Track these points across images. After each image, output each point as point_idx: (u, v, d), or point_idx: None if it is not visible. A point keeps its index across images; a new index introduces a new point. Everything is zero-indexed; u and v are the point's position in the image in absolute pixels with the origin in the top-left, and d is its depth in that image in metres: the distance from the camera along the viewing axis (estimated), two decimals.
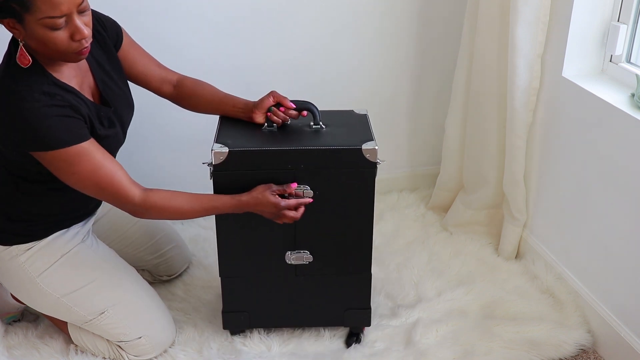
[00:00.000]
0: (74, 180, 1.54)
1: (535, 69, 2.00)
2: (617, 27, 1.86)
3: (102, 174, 1.53)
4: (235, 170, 1.66)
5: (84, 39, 1.43)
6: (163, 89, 1.82)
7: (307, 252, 1.78)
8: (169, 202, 1.61)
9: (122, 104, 1.70)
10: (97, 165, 1.52)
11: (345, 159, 1.67)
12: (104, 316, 1.75)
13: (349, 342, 1.92)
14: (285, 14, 2.27)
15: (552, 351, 1.87)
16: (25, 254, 1.70)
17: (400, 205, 2.60)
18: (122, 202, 1.58)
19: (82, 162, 1.50)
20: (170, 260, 2.11)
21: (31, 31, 1.40)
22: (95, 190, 1.56)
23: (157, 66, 1.81)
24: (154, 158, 2.40)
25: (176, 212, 1.63)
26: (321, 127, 1.74)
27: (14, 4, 1.36)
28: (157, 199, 1.59)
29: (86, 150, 1.51)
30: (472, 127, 2.29)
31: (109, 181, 1.54)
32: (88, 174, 1.52)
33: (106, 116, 1.62)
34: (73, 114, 1.50)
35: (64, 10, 1.38)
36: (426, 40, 2.45)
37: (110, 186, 1.55)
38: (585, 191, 1.93)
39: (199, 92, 1.83)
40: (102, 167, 1.53)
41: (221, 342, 1.91)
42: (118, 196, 1.56)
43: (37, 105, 1.44)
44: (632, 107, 1.74)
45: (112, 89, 1.67)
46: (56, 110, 1.46)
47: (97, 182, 1.54)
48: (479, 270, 2.22)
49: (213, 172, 1.66)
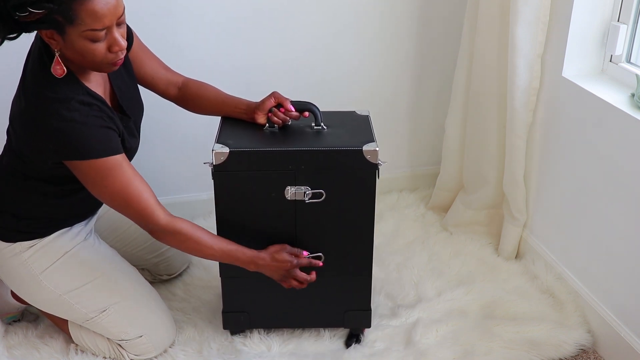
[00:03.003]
0: (103, 192, 1.55)
1: (535, 69, 2.00)
2: (617, 27, 1.86)
3: (132, 190, 1.54)
4: (236, 170, 1.66)
5: (121, 50, 1.46)
6: (169, 92, 1.84)
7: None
8: (194, 233, 1.62)
9: (136, 109, 1.72)
10: (128, 180, 1.54)
11: (346, 160, 1.67)
12: (105, 314, 1.76)
13: (348, 342, 1.92)
14: (286, 14, 2.27)
15: (552, 351, 1.87)
16: (28, 251, 1.70)
17: (400, 205, 2.60)
18: (146, 221, 1.58)
19: (115, 175, 1.52)
20: (170, 260, 2.11)
21: (71, 43, 1.41)
22: (122, 205, 1.57)
23: (164, 69, 1.83)
24: (156, 159, 2.40)
25: (197, 244, 1.63)
26: (322, 128, 1.74)
27: (58, 16, 1.36)
28: (184, 226, 1.61)
29: (120, 164, 1.52)
30: (472, 127, 2.30)
31: (137, 198, 1.55)
32: (119, 188, 1.53)
33: (127, 126, 1.64)
34: (110, 125, 1.52)
35: (106, 23, 1.40)
36: (426, 40, 2.45)
37: (137, 203, 1.55)
38: (585, 191, 1.93)
39: (203, 94, 1.84)
40: (133, 183, 1.54)
41: (221, 342, 1.91)
42: (144, 214, 1.57)
43: (77, 115, 1.46)
44: (632, 107, 1.74)
45: (126, 94, 1.68)
46: (95, 120, 1.48)
47: (126, 197, 1.55)
48: (479, 270, 2.22)
49: (214, 173, 1.66)
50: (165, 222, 1.59)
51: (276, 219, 1.73)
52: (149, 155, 2.37)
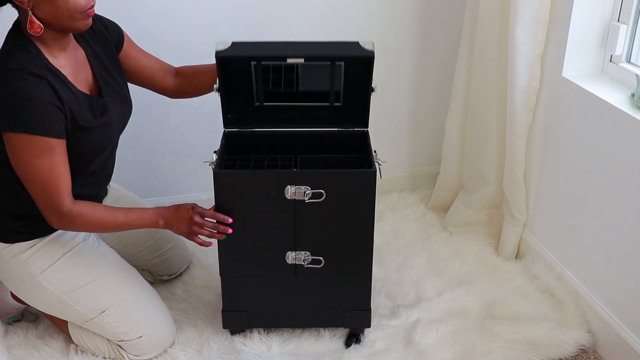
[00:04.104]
0: (25, 169, 1.53)
1: (535, 69, 2.00)
2: (617, 27, 1.86)
3: (55, 174, 1.53)
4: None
5: None
6: (166, 81, 1.85)
7: (308, 253, 1.78)
8: (95, 213, 1.61)
9: (119, 99, 1.71)
10: (55, 164, 1.52)
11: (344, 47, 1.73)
12: (104, 315, 1.75)
13: (348, 342, 1.92)
14: (286, 14, 2.27)
15: (552, 351, 1.87)
16: (27, 251, 1.70)
17: (400, 205, 2.60)
18: (53, 208, 1.56)
19: (44, 156, 1.50)
20: (170, 260, 2.11)
21: None
22: (36, 186, 1.54)
23: (157, 60, 1.85)
24: (156, 159, 2.40)
25: (101, 222, 1.63)
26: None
27: None
28: (83, 208, 1.60)
29: (53, 147, 1.51)
30: (472, 127, 2.30)
31: (55, 184, 1.54)
32: (43, 169, 1.51)
33: (99, 106, 1.63)
34: (55, 102, 1.50)
35: None
36: (426, 40, 2.45)
37: (53, 188, 1.54)
38: (585, 191, 1.93)
39: (199, 70, 1.87)
40: (58, 169, 1.53)
41: (221, 342, 1.91)
42: (55, 201, 1.55)
43: (21, 84, 1.46)
44: (632, 107, 1.74)
45: (110, 84, 1.69)
46: (40, 94, 1.47)
47: (45, 180, 1.53)
48: (479, 270, 2.22)
49: (214, 172, 1.66)
50: (69, 210, 1.57)
51: (276, 218, 1.73)
52: (148, 155, 2.37)
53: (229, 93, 1.84)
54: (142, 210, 1.69)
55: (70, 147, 1.57)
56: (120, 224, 1.66)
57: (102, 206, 1.65)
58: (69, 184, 1.57)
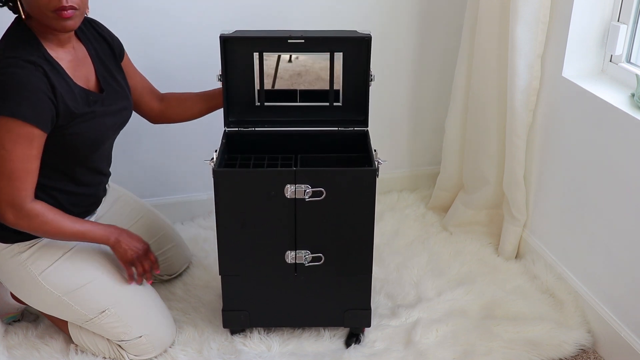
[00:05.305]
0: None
1: (535, 69, 2.00)
2: (617, 27, 1.86)
3: (26, 167, 1.52)
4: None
5: None
6: (152, 103, 1.91)
7: (308, 252, 1.78)
8: (54, 217, 1.60)
9: (119, 98, 1.73)
10: (29, 157, 1.52)
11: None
12: (104, 315, 1.75)
13: (348, 342, 1.92)
14: (286, 13, 2.27)
15: (552, 351, 1.87)
16: (26, 252, 1.70)
17: (400, 205, 2.60)
18: (13, 200, 1.55)
19: (22, 144, 1.50)
20: (170, 260, 2.11)
21: None
22: (2, 174, 1.52)
23: (148, 82, 1.92)
24: (156, 159, 2.39)
25: (55, 228, 1.61)
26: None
27: None
28: (43, 209, 1.59)
29: (33, 138, 1.51)
30: (472, 127, 2.30)
31: (23, 176, 1.53)
32: (15, 157, 1.50)
33: (95, 100, 1.64)
34: (47, 92, 1.50)
35: None
36: (426, 40, 2.45)
37: (19, 180, 1.53)
38: (585, 191, 1.93)
39: (185, 97, 1.95)
40: (30, 162, 1.53)
41: (221, 342, 1.91)
42: (17, 192, 1.54)
43: (14, 70, 1.47)
44: (632, 107, 1.74)
45: (111, 84, 1.71)
46: (34, 80, 1.48)
47: (14, 170, 1.52)
48: (479, 270, 2.22)
49: (214, 172, 1.66)
50: (30, 207, 1.56)
51: (276, 218, 1.73)
52: (148, 155, 2.37)
53: (229, 93, 1.84)
54: (98, 225, 1.70)
55: (65, 139, 1.58)
56: (75, 233, 1.65)
57: (62, 212, 1.64)
58: (34, 182, 1.56)
